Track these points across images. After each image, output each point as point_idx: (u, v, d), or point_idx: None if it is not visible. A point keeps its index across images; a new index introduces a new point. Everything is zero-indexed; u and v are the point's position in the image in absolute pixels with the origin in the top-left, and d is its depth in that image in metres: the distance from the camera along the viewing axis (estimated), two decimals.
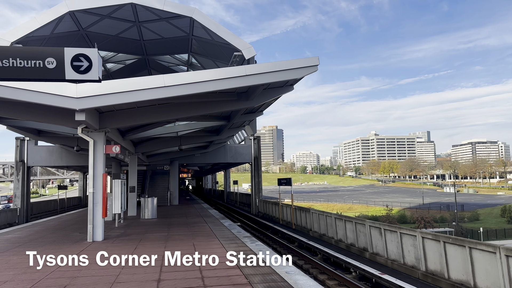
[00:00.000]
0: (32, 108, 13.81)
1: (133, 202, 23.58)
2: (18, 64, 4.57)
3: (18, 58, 4.56)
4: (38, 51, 4.59)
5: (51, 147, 32.70)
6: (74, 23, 21.84)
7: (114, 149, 14.36)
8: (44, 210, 37.11)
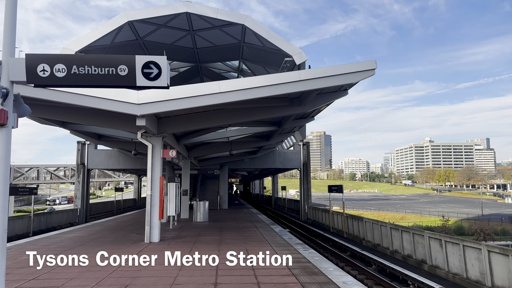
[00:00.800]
0: (96, 114, 14.64)
1: (185, 205, 24.18)
2: (93, 72, 4.79)
3: (93, 66, 4.78)
4: (111, 59, 4.79)
5: (110, 151, 34.41)
6: (132, 32, 22.92)
7: (171, 153, 14.80)
8: (102, 211, 39.07)
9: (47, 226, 27.86)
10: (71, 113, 14.52)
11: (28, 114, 5.22)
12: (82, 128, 20.98)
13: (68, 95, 11.94)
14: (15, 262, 10.67)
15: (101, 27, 21.35)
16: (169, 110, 12.75)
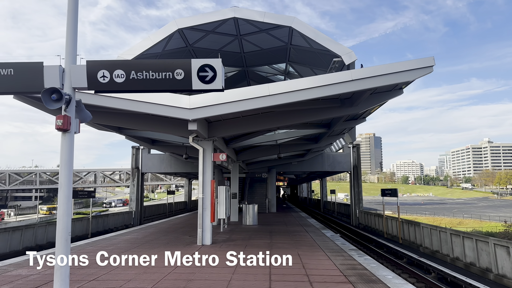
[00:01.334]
0: (150, 119, 15.08)
1: (235, 208, 24.33)
2: (151, 76, 4.84)
3: (151, 71, 4.83)
4: (168, 63, 4.82)
5: (162, 155, 35.52)
6: (182, 40, 23.49)
7: (221, 157, 14.91)
8: (155, 213, 40.37)
9: (104, 228, 29.18)
10: (127, 119, 15.07)
11: (89, 120, 5.39)
12: (137, 134, 21.78)
13: (124, 101, 12.38)
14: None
15: (153, 35, 22.07)
16: (219, 114, 12.84)
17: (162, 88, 5.01)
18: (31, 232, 20.67)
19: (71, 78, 4.98)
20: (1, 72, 4.99)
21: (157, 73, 4.93)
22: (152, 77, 4.93)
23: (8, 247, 18.94)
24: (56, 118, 4.81)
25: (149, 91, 5.05)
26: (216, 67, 4.97)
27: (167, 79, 4.94)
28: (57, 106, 4.75)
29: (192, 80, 4.95)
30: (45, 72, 4.99)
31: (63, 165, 4.92)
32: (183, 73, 4.94)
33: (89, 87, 5.01)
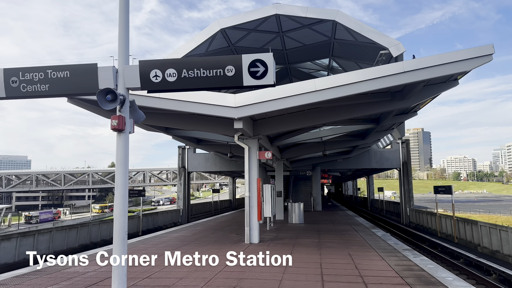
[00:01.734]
0: (196, 119, 15.27)
1: (280, 207, 24.17)
2: (202, 74, 4.78)
3: (202, 68, 4.77)
4: (218, 60, 4.74)
5: (207, 154, 36.07)
6: (225, 39, 23.62)
7: (267, 155, 14.80)
8: (201, 211, 41.11)
9: (153, 226, 30.07)
10: (174, 119, 15.34)
11: (142, 120, 5.42)
12: (183, 133, 22.19)
13: (171, 102, 12.58)
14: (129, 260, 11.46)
15: (196, 37, 22.35)
16: (264, 112, 12.71)
17: (213, 86, 4.93)
18: (85, 230, 21.66)
19: (125, 79, 5.03)
20: (57, 75, 5.13)
21: (207, 70, 4.86)
22: (203, 74, 4.87)
23: (65, 244, 19.95)
24: (111, 119, 4.88)
25: (200, 89, 5.00)
26: (268, 62, 4.82)
27: (217, 76, 4.86)
28: (111, 106, 4.81)
29: (243, 76, 4.83)
30: (99, 73, 5.07)
31: (119, 164, 4.97)
32: (233, 69, 4.83)
33: (142, 87, 5.04)
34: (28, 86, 5.15)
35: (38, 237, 17.87)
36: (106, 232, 23.14)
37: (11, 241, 16.66)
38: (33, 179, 65.48)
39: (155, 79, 4.99)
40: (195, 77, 4.89)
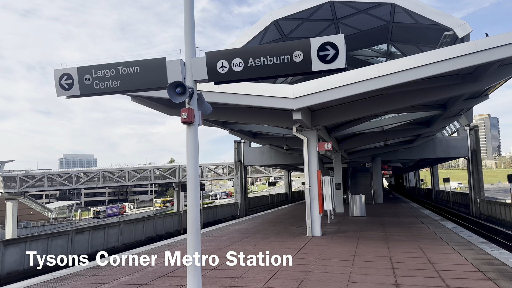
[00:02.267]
0: (253, 112, 15.25)
1: (339, 199, 23.62)
2: (268, 62, 4.64)
3: (269, 56, 4.62)
4: (286, 46, 4.56)
5: (262, 148, 36.16)
6: (278, 31, 23.39)
7: (326, 146, 14.45)
8: (258, 205, 41.42)
9: (214, 219, 30.78)
10: (231, 113, 15.43)
11: (210, 112, 5.40)
12: (239, 127, 22.35)
13: (229, 96, 12.62)
14: None
15: (249, 30, 22.33)
16: (324, 101, 12.35)
17: (280, 73, 4.78)
18: (151, 223, 22.61)
19: (192, 71, 5.02)
20: (128, 70, 5.24)
21: (274, 57, 4.71)
22: (270, 62, 4.72)
23: (133, 237, 20.96)
24: (181, 112, 4.89)
25: (267, 77, 4.86)
26: (338, 44, 4.57)
27: (285, 62, 4.69)
28: (181, 99, 4.81)
29: (311, 61, 4.62)
30: (168, 67, 5.11)
31: (190, 156, 4.99)
32: (301, 55, 4.64)
33: (209, 78, 5.00)
34: (100, 83, 5.32)
35: (108, 230, 18.93)
36: (170, 225, 24.03)
37: (84, 234, 17.79)
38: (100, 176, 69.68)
39: (222, 70, 4.92)
40: (261, 66, 4.76)
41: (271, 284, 7.61)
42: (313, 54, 4.59)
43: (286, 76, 4.83)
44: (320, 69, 4.62)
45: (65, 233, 16.56)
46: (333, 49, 4.56)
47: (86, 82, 5.36)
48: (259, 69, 4.76)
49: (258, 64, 4.76)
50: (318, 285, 7.50)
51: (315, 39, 4.59)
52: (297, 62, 4.64)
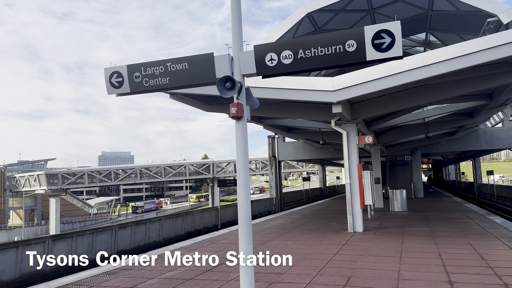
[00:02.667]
0: (290, 106, 15.10)
1: (379, 194, 23.08)
2: (319, 53, 4.51)
3: (319, 46, 4.49)
4: (338, 36, 4.41)
5: (296, 143, 35.90)
6: (311, 24, 23.01)
7: (367, 139, 14.11)
8: (293, 200, 41.23)
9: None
10: (268, 109, 15.35)
11: (257, 107, 5.33)
12: (274, 122, 22.25)
13: (267, 90, 12.52)
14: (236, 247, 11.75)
15: (282, 24, 22.10)
16: (365, 94, 12.02)
17: (332, 64, 4.63)
18: (190, 218, 22.99)
19: (240, 65, 4.97)
20: (176, 67, 5.25)
21: (326, 48, 4.57)
22: (321, 53, 4.59)
23: (173, 231, 21.38)
24: (230, 107, 4.86)
25: (318, 68, 4.74)
26: (394, 32, 4.37)
27: (337, 53, 4.54)
28: (230, 94, 4.78)
29: (365, 50, 4.45)
30: (216, 62, 5.07)
31: (239, 151, 4.95)
32: (355, 44, 4.47)
33: (257, 72, 4.93)
34: (150, 80, 5.37)
35: (149, 225, 19.40)
36: (207, 220, 24.35)
37: (126, 229, 18.30)
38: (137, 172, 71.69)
39: (271, 63, 4.83)
40: (312, 57, 4.63)
41: (318, 280, 7.50)
42: (368, 42, 4.42)
43: (338, 67, 4.68)
44: (374, 58, 4.44)
45: (109, 228, 17.11)
46: (389, 37, 4.37)
47: (135, 80, 5.42)
48: (309, 60, 4.64)
49: (309, 56, 4.63)
50: (367, 282, 7.32)
51: (370, 27, 4.42)
52: (350, 52, 4.48)
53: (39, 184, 65.51)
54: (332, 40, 4.54)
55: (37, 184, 65.91)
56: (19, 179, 70.64)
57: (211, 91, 13.63)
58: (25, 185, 68.93)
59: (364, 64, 4.60)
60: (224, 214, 26.91)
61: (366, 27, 4.40)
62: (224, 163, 79.22)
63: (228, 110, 4.97)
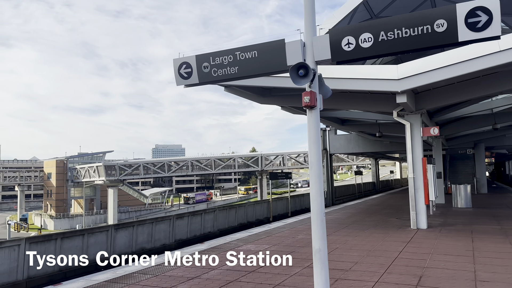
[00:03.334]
0: (347, 97, 14.56)
1: (440, 189, 21.87)
2: (404, 34, 4.14)
3: (404, 27, 4.13)
4: (425, 15, 4.03)
5: (348, 136, 34.96)
6: (367, 11, 22.07)
7: (433, 131, 13.31)
8: (344, 194, 40.27)
9: (300, 207, 30.60)
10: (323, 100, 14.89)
11: (330, 95, 5.05)
12: (328, 114, 21.71)
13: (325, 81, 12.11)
14: (294, 240, 11.58)
15: (337, 13, 21.38)
16: (431, 82, 11.27)
17: (418, 46, 4.24)
18: (243, 210, 23.12)
19: (313, 51, 4.70)
20: (246, 55, 5.09)
21: (411, 29, 4.19)
22: (406, 34, 4.21)
23: (226, 223, 21.60)
24: (302, 95, 4.61)
25: (401, 52, 4.35)
26: (492, 9, 3.90)
27: (424, 34, 4.14)
28: (304, 82, 4.53)
29: (457, 30, 4.02)
30: (287, 48, 4.85)
31: (312, 142, 4.71)
32: (445, 24, 4.05)
33: (332, 58, 4.65)
34: (218, 70, 5.26)
35: (204, 216, 19.72)
36: (260, 212, 24.39)
37: (183, 219, 18.71)
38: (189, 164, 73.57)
39: (347, 48, 4.53)
40: (395, 39, 4.27)
41: (387, 279, 7.12)
42: (460, 22, 3.99)
43: (425, 49, 4.29)
44: (468, 38, 4.00)
45: (167, 218, 17.58)
46: (486, 14, 3.91)
47: (204, 70, 5.33)
48: (392, 43, 4.28)
49: (391, 38, 4.28)
50: (441, 282, 6.83)
51: (462, 4, 3.98)
52: (440, 33, 4.07)
53: (98, 175, 69.23)
54: (419, 20, 4.15)
55: (96, 175, 69.71)
56: (80, 170, 75.09)
57: (265, 83, 13.47)
58: (85, 176, 73.16)
59: (455, 46, 4.17)
60: (276, 207, 26.82)
61: (458, 4, 3.97)
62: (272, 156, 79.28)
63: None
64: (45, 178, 79.32)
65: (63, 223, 67.32)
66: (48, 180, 78.19)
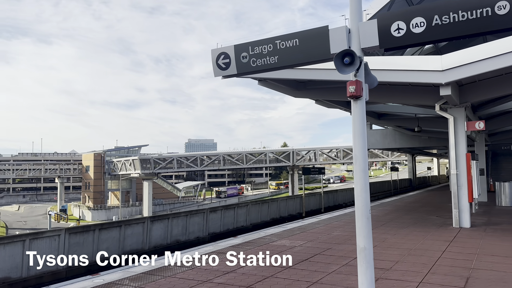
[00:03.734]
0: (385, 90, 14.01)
1: (483, 187, 20.86)
2: (461, 18, 3.81)
3: (460, 11, 3.80)
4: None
5: (384, 130, 33.96)
6: (405, 1, 21.24)
7: (478, 126, 12.61)
8: (379, 191, 39.34)
9: (334, 203, 30.13)
10: None
11: (376, 85, 4.78)
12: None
13: None
14: (330, 237, 11.31)
15: (374, 3, 20.68)
16: (479, 73, 10.63)
17: (476, 31, 3.90)
18: (275, 205, 23.01)
19: (360, 38, 4.44)
20: (286, 44, 4.90)
21: (468, 12, 3.85)
22: (463, 18, 3.88)
23: (259, 217, 21.56)
24: (348, 85, 4.38)
25: (457, 37, 4.02)
26: None
27: (484, 17, 3.80)
28: (350, 71, 4.30)
29: None
30: (331, 36, 4.62)
31: (357, 135, 4.47)
32: (507, 6, 3.69)
33: (380, 44, 4.38)
34: (257, 60, 5.09)
35: (237, 210, 19.76)
36: (292, 207, 24.19)
37: (217, 213, 18.81)
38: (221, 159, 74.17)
39: (397, 33, 4.24)
40: (450, 23, 3.95)
41: (431, 280, 6.76)
42: None
43: (483, 34, 3.94)
44: None
45: (201, 211, 17.72)
46: None
47: (243, 60, 5.19)
48: (447, 27, 3.96)
49: (446, 22, 3.96)
50: (491, 285, 6.41)
51: None
52: (501, 16, 3.72)
53: (134, 168, 71.13)
54: (477, 3, 3.80)
55: (132, 168, 71.66)
56: (116, 163, 77.41)
57: (300, 75, 13.16)
58: (122, 169, 75.36)
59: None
60: (309, 202, 26.52)
61: None
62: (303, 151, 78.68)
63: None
64: (84, 171, 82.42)
65: (100, 214, 69.78)
66: (86, 172, 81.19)
